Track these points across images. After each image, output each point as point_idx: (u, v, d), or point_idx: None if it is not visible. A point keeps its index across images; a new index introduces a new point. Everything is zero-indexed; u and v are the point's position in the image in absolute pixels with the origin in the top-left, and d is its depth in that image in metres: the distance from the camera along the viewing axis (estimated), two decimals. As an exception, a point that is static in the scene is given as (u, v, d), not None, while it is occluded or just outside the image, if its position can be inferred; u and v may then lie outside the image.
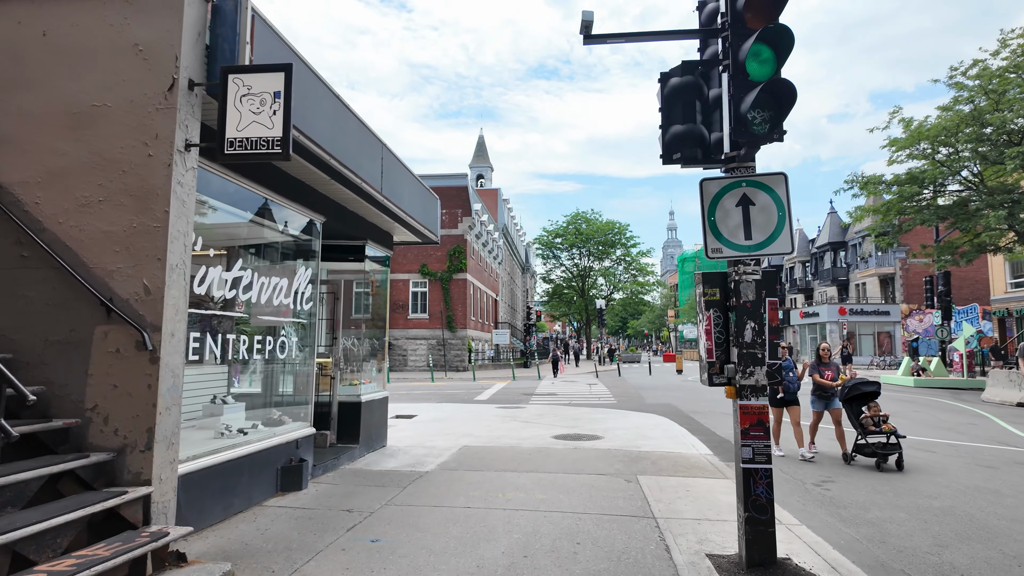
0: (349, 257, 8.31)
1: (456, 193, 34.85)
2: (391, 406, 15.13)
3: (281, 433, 6.14)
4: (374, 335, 9.18)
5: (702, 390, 19.99)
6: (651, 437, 9.93)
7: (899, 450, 7.94)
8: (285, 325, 6.27)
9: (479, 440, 9.61)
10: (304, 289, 6.55)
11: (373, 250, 8.68)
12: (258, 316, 5.88)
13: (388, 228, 8.91)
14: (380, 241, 8.90)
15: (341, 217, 7.49)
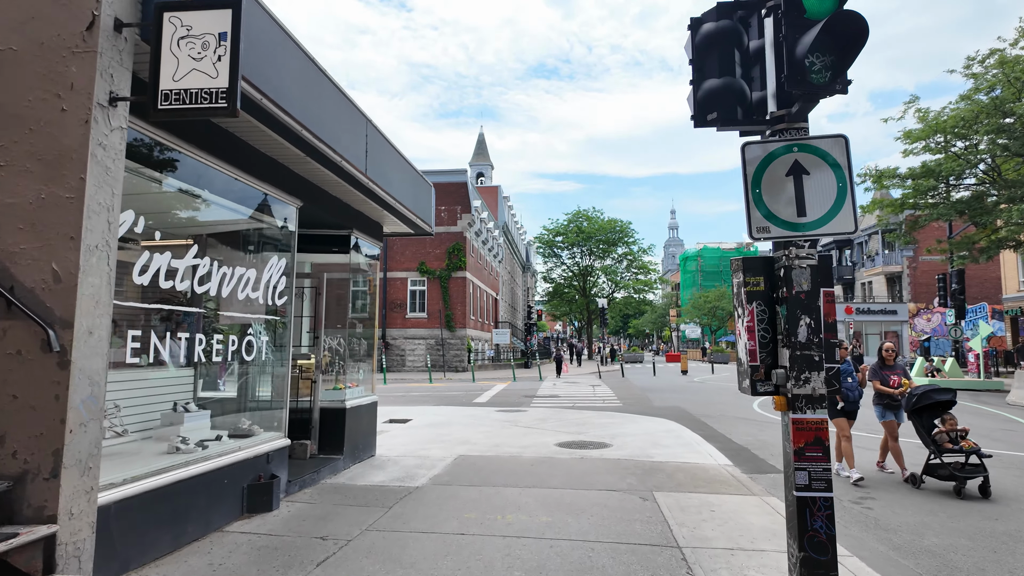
0: (333, 248, 7.54)
1: (455, 189, 34.08)
2: (384, 409, 14.39)
3: (249, 446, 5.37)
4: (362, 334, 8.40)
5: (711, 392, 19.22)
6: (663, 445, 9.16)
7: (984, 472, 6.50)
8: (254, 322, 5.50)
9: (477, 448, 8.83)
10: (277, 282, 5.77)
11: (361, 241, 7.91)
12: (221, 312, 5.10)
13: (377, 217, 8.14)
14: (368, 231, 8.12)
15: (322, 202, 6.72)
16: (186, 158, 4.56)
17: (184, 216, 5.06)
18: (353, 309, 8.11)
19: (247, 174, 5.30)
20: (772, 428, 11.32)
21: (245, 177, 5.29)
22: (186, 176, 4.67)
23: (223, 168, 5.00)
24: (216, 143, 4.81)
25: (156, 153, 4.32)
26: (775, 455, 8.79)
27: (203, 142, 4.64)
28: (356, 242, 7.76)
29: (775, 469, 7.86)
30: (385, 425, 11.56)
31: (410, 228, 8.81)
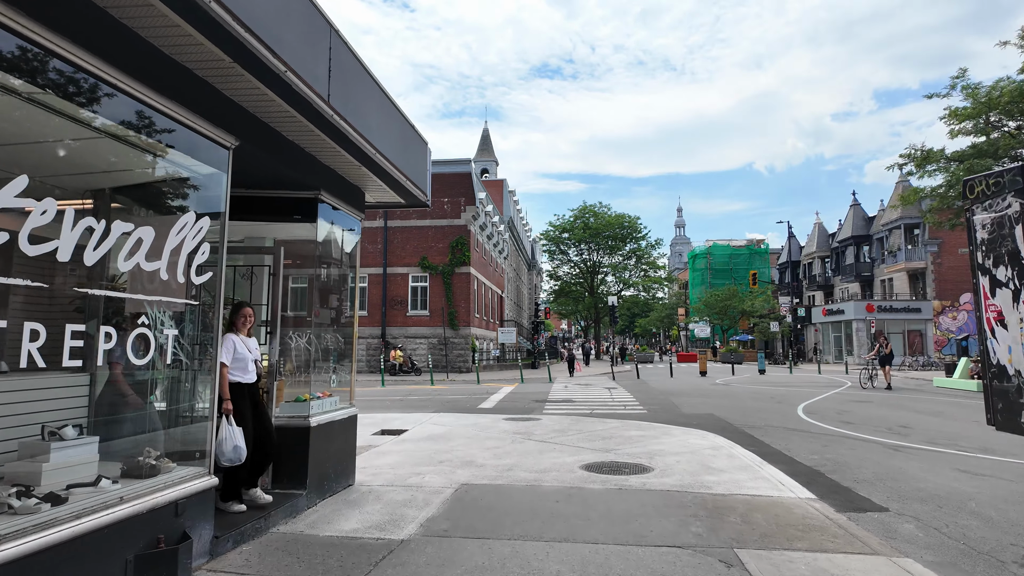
0: (294, 215, 5.74)
1: (458, 180, 32.29)
2: (377, 417, 12.51)
3: (144, 493, 3.56)
4: (340, 329, 6.58)
5: (742, 397, 17.36)
6: (717, 468, 7.32)
7: None
8: (149, 305, 3.68)
9: (484, 473, 7.02)
10: (195, 251, 3.96)
11: (333, 209, 6.09)
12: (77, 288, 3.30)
13: (356, 178, 6.33)
14: (345, 197, 6.32)
15: (272, 147, 4.91)
16: (50, 58, 2.77)
17: (58, 154, 3.29)
18: (326, 297, 6.30)
19: (143, 85, 3.50)
20: (836, 443, 9.47)
21: (141, 90, 3.49)
22: (50, 82, 2.87)
23: (104, 72, 3.20)
24: (87, 32, 3.01)
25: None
26: (861, 481, 6.95)
27: (67, 26, 2.83)
28: (327, 209, 5.94)
29: (874, 504, 6.01)
30: (375, 438, 9.76)
31: (400, 196, 7.00)
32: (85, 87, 3.25)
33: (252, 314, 5.13)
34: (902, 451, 8.77)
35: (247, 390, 5.01)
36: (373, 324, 31.38)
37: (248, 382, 5.00)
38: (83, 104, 3.28)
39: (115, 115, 3.48)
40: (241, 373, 4.95)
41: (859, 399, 16.43)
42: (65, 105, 3.20)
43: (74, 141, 3.44)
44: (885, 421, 11.99)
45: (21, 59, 2.86)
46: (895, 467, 7.70)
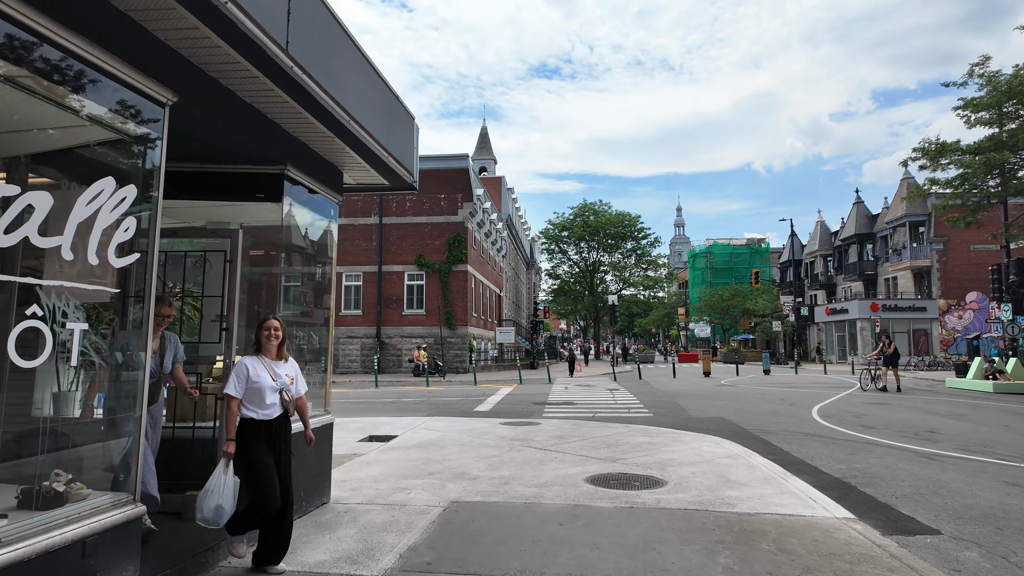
0: (256, 194, 4.97)
1: (456, 176, 31.51)
2: (366, 421, 11.61)
3: (31, 533, 2.79)
4: (312, 326, 5.82)
5: (751, 399, 16.61)
6: (737, 480, 6.56)
7: None
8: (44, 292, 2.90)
9: (477, 487, 6.26)
10: (115, 227, 3.19)
11: (304, 187, 5.32)
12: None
13: (330, 153, 5.56)
14: (318, 175, 5.55)
15: (223, 109, 4.15)
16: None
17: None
18: (296, 290, 5.53)
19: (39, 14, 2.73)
20: (861, 450, 8.72)
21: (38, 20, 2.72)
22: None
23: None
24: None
25: None
26: (900, 496, 6.19)
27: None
28: (296, 188, 5.18)
29: (923, 526, 5.26)
30: (360, 445, 9.00)
31: (384, 177, 6.23)
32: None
33: (280, 328, 4.15)
34: (936, 460, 8.02)
35: (264, 430, 3.98)
36: (368, 323, 30.61)
37: (265, 418, 3.99)
38: None
39: (4, 53, 2.71)
40: (255, 407, 3.97)
41: (875, 401, 15.69)
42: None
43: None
44: (909, 425, 11.24)
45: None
46: (933, 479, 6.94)
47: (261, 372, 4.01)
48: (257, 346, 4.11)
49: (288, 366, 4.22)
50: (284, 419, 4.15)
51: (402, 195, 31.31)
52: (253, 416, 3.97)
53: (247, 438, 3.94)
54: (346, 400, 17.05)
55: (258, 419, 3.97)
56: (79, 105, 3.15)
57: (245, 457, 3.91)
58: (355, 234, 31.27)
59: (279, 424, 4.09)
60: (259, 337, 4.12)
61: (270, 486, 3.90)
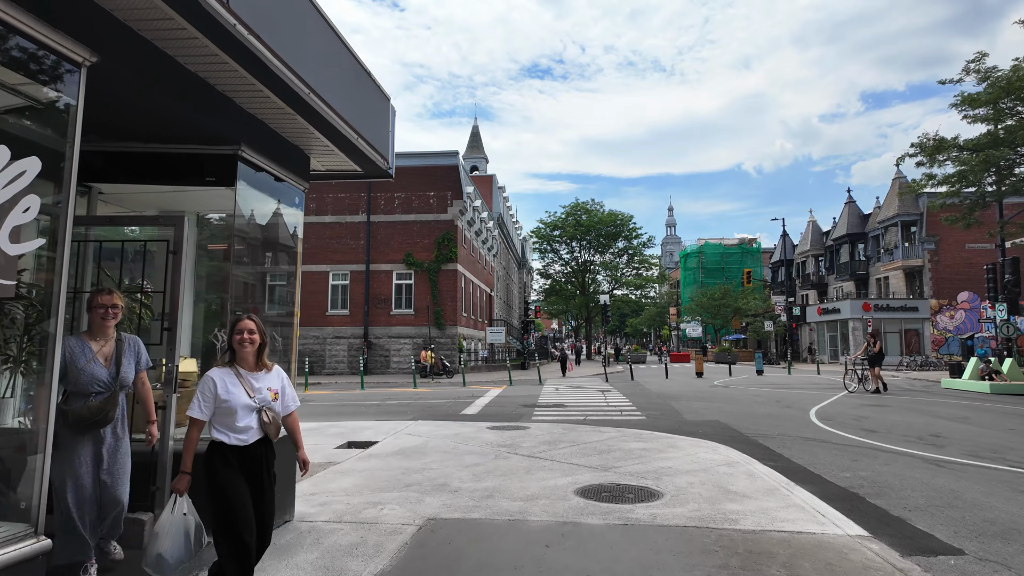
0: (206, 177, 4.44)
1: (445, 173, 30.96)
2: (347, 425, 10.82)
3: None
4: (271, 327, 5.27)
5: (747, 401, 16.19)
6: (738, 492, 6.09)
7: None
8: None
9: (458, 500, 5.74)
10: (8, 207, 2.66)
11: (263, 170, 4.79)
12: None
13: (293, 134, 5.03)
14: (280, 158, 5.02)
15: (162, 75, 3.62)
16: None
17: None
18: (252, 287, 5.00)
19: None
20: (865, 456, 8.29)
21: None
22: None
23: None
24: None
25: None
26: (913, 509, 5.74)
27: None
28: (253, 172, 4.65)
29: (944, 544, 4.80)
30: (337, 452, 8.46)
31: (355, 162, 5.70)
32: None
33: (257, 330, 3.39)
34: (945, 467, 7.59)
35: (238, 457, 3.26)
36: (355, 324, 30.01)
37: (239, 444, 3.26)
38: None
39: None
40: (225, 429, 3.26)
41: (874, 403, 15.31)
42: None
43: None
44: (911, 429, 10.83)
45: None
46: (946, 489, 6.50)
47: (233, 388, 3.28)
48: (231, 355, 3.38)
49: (270, 377, 3.48)
50: (265, 446, 3.38)
51: (390, 193, 30.75)
52: (224, 441, 3.25)
53: (217, 465, 3.21)
54: (328, 403, 16.48)
55: (230, 444, 3.26)
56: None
57: (211, 489, 3.19)
58: (342, 232, 30.66)
59: (259, 452, 3.33)
60: (231, 343, 3.39)
61: (243, 521, 3.14)
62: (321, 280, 30.39)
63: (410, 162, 31.29)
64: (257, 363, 3.45)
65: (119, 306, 3.75)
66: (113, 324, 3.76)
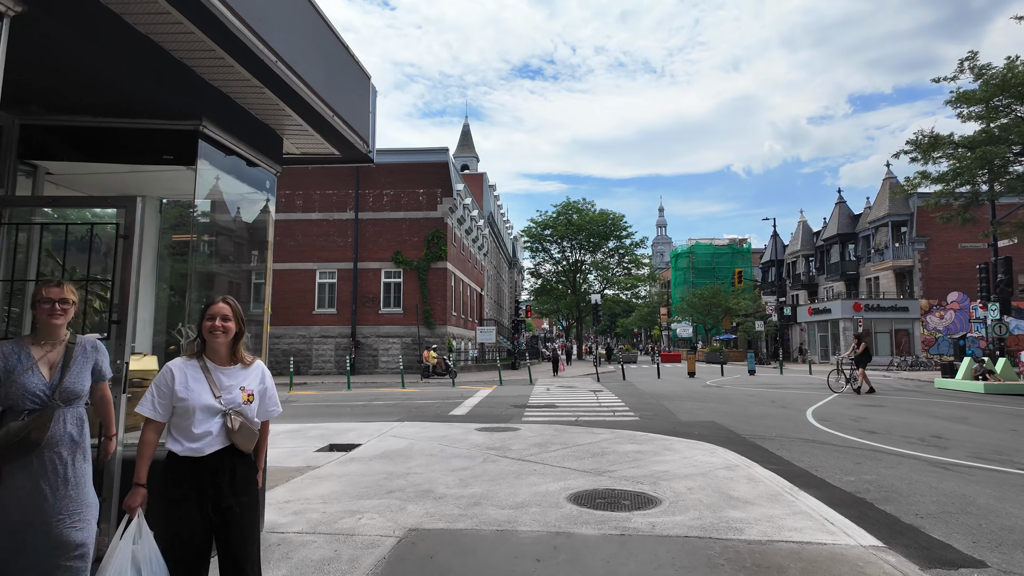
0: (162, 155, 4.03)
1: (435, 171, 30.52)
2: (330, 427, 10.10)
3: None
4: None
5: (741, 401, 15.90)
6: (740, 498, 5.75)
7: None
8: None
9: (442, 508, 5.35)
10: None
11: (229, 150, 4.38)
12: None
13: (263, 111, 4.63)
14: (248, 138, 4.61)
15: (98, 32, 3.21)
16: None
17: None
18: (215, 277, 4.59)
19: None
20: (868, 458, 7.98)
21: None
22: None
23: None
24: None
25: None
26: (926, 516, 5.42)
27: None
28: (217, 151, 4.24)
29: (964, 556, 4.47)
30: (318, 456, 8.05)
31: (333, 144, 5.30)
32: None
33: (232, 316, 2.87)
34: (952, 470, 7.30)
35: (193, 473, 2.70)
36: (343, 323, 29.50)
37: (192, 455, 2.71)
38: None
39: None
40: (180, 435, 2.73)
41: (871, 403, 15.06)
42: None
43: None
44: (911, 429, 10.56)
45: None
46: (956, 493, 6.19)
47: (195, 384, 2.74)
48: (201, 344, 2.86)
49: (247, 375, 2.90)
50: (231, 457, 2.76)
51: (379, 190, 30.28)
52: (176, 451, 2.70)
53: (168, 485, 2.68)
54: (313, 403, 16.03)
55: (181, 455, 2.69)
56: None
57: (160, 516, 2.67)
58: (329, 229, 30.16)
59: (219, 465, 2.73)
60: (201, 330, 2.85)
61: (184, 561, 2.66)
62: (308, 278, 29.87)
63: (399, 159, 30.85)
64: (232, 356, 2.89)
65: (70, 301, 3.02)
66: (63, 323, 3.02)
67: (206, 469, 2.71)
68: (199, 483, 2.70)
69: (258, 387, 2.93)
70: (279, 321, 29.39)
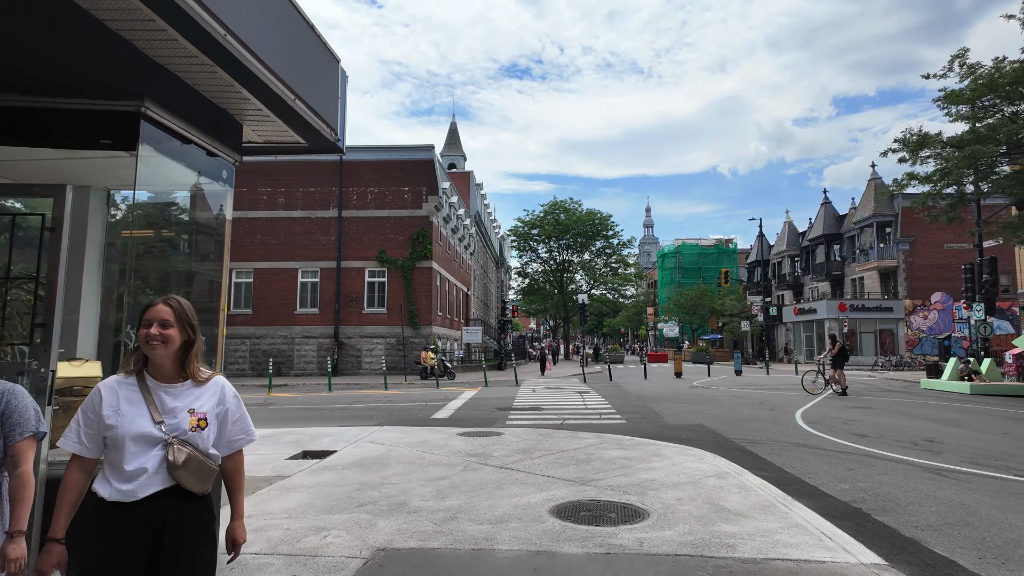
0: (99, 139, 3.63)
1: (420, 168, 30.07)
2: (306, 432, 9.69)
3: None
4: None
5: (728, 403, 15.67)
6: (732, 510, 5.44)
7: None
8: None
9: (416, 524, 4.99)
10: None
11: (177, 135, 3.99)
12: None
13: (218, 94, 4.23)
14: (201, 123, 4.21)
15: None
16: None
17: None
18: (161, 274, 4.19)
19: None
20: (862, 464, 7.73)
21: None
22: None
23: None
24: None
25: None
26: (926, 528, 5.15)
27: None
28: (163, 135, 3.84)
29: (969, 574, 4.19)
30: (289, 464, 7.65)
31: (297, 131, 4.90)
32: None
33: (173, 323, 2.22)
34: (948, 477, 7.06)
35: (118, 521, 2.10)
36: (325, 323, 28.97)
37: (122, 500, 2.10)
38: None
39: None
40: (109, 473, 2.16)
41: (858, 405, 14.89)
42: None
43: None
44: (903, 433, 10.35)
45: None
46: (956, 503, 5.94)
47: (129, 406, 2.17)
48: (143, 357, 2.25)
49: (201, 393, 2.27)
50: (170, 502, 2.14)
51: (363, 187, 29.79)
52: (102, 493, 2.11)
53: (90, 541, 2.09)
54: (291, 406, 15.57)
55: (109, 500, 2.09)
56: None
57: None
58: (312, 227, 29.61)
59: (157, 513, 2.12)
60: (139, 340, 2.23)
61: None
62: (290, 277, 29.30)
63: (384, 156, 30.38)
64: (180, 371, 2.26)
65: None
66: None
67: (139, 520, 2.08)
68: (129, 539, 2.07)
69: (214, 409, 2.28)
70: (260, 321, 28.81)
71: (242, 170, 23.50)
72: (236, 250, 29.41)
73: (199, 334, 2.32)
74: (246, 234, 29.41)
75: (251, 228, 29.48)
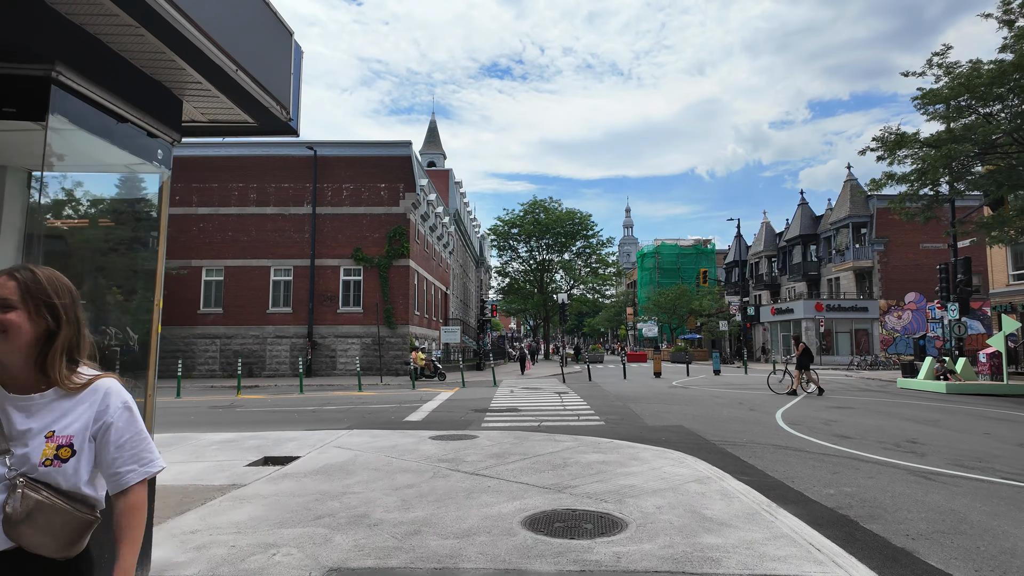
0: (2, 107, 3.16)
1: (397, 164, 29.52)
2: (270, 436, 9.32)
3: None
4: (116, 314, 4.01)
5: (707, 403, 15.46)
6: (715, 519, 5.13)
7: None
8: None
9: (375, 539, 4.58)
10: None
11: (98, 106, 3.53)
12: None
13: (151, 64, 3.78)
14: (127, 94, 3.75)
15: None
16: None
17: None
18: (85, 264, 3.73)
19: None
20: (846, 467, 7.49)
21: None
22: None
23: None
24: None
25: None
26: (917, 537, 4.89)
27: None
28: (82, 105, 3.39)
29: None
30: (247, 471, 7.17)
31: (244, 109, 4.46)
32: None
33: (15, 303, 1.53)
34: (935, 480, 6.84)
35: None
36: (299, 322, 28.27)
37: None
38: None
39: None
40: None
41: (838, 405, 14.79)
42: None
43: None
44: (885, 434, 10.19)
45: None
46: (945, 509, 5.70)
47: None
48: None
49: (71, 407, 1.61)
50: (8, 570, 1.50)
51: (338, 184, 29.15)
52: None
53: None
54: (259, 408, 14.99)
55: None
56: None
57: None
58: (285, 224, 28.89)
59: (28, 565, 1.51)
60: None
61: None
62: (262, 275, 28.55)
63: (360, 151, 29.78)
64: (38, 376, 1.59)
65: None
66: None
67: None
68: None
69: (88, 429, 1.60)
70: (231, 321, 28.03)
71: (213, 165, 23.33)
72: (207, 247, 28.59)
73: (70, 321, 1.62)
74: (217, 231, 28.60)
75: (222, 225, 28.68)
